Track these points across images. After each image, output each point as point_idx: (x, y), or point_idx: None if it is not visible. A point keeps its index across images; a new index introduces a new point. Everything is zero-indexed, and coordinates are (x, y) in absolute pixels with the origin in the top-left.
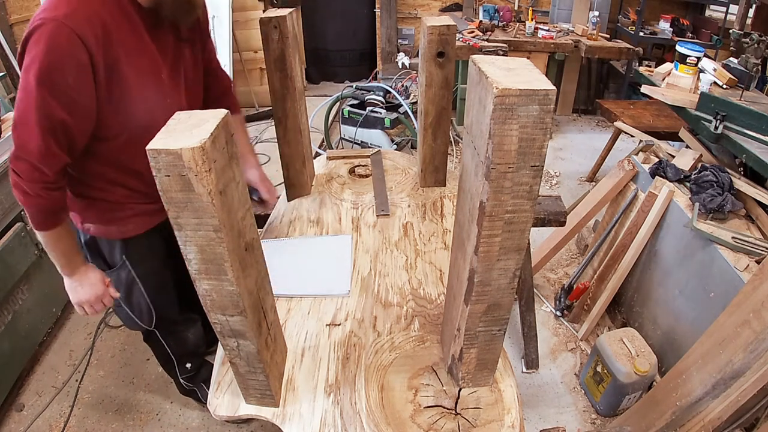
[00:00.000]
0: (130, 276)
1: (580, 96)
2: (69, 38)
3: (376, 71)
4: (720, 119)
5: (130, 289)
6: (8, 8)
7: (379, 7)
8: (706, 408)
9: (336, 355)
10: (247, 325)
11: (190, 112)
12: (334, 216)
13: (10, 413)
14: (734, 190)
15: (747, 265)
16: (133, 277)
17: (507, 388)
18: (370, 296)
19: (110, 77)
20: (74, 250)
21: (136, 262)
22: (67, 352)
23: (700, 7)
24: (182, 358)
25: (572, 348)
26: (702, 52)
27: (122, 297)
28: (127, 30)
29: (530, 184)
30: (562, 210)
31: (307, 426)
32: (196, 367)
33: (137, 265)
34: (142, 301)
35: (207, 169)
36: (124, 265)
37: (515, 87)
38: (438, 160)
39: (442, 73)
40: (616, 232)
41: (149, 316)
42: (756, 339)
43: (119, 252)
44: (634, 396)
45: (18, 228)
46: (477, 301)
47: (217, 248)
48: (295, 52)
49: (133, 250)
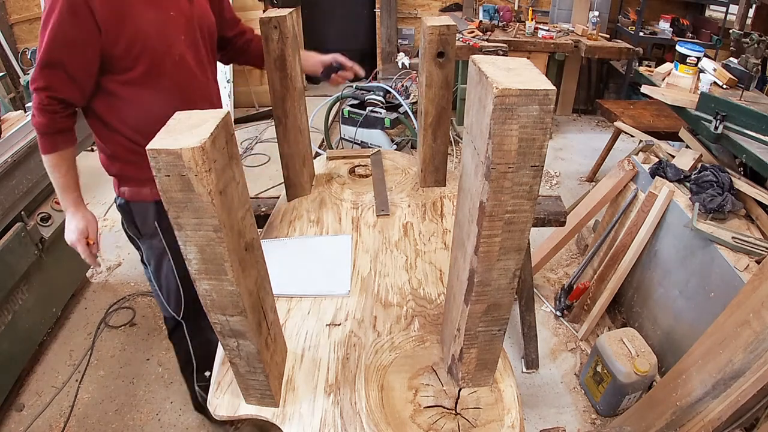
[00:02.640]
0: (161, 245)
1: (580, 96)
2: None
3: (376, 71)
4: (720, 119)
5: (160, 262)
6: (8, 8)
7: (379, 7)
8: (706, 408)
9: (336, 355)
10: (247, 325)
11: (190, 112)
12: (334, 216)
13: (10, 413)
14: (734, 190)
15: (747, 265)
16: (164, 247)
17: (507, 388)
18: (370, 296)
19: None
20: (70, 186)
21: (168, 229)
22: (67, 352)
23: (700, 7)
24: (203, 364)
25: (572, 348)
26: (702, 52)
27: (152, 270)
28: None
29: (530, 184)
30: (562, 210)
31: (307, 426)
32: None
33: (169, 233)
34: (171, 279)
35: (207, 169)
36: (156, 232)
37: (515, 87)
38: (438, 160)
39: (442, 73)
40: (616, 232)
41: (177, 300)
42: (756, 339)
43: (152, 216)
44: (634, 396)
45: (18, 228)
46: (477, 301)
47: (217, 248)
48: (295, 52)
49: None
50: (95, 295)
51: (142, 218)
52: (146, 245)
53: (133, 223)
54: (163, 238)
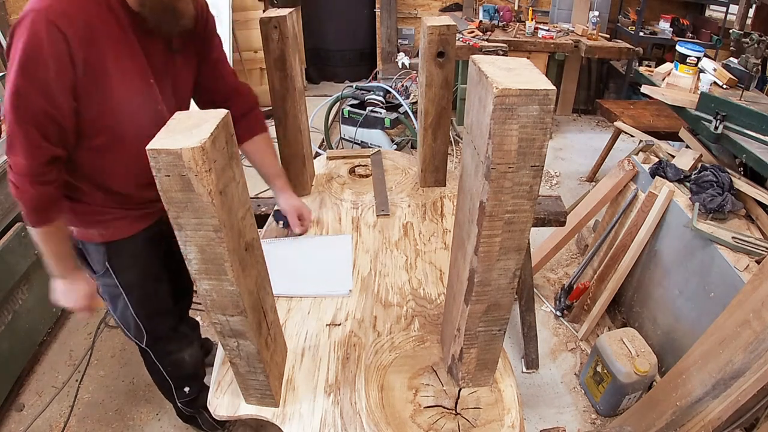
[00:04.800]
0: (114, 284)
1: (580, 96)
2: (48, 29)
3: (376, 71)
4: (720, 119)
5: (116, 300)
6: (8, 8)
7: (379, 7)
8: (706, 408)
9: (336, 355)
10: (247, 325)
11: (190, 112)
12: (334, 216)
13: (10, 413)
14: (734, 190)
15: (747, 265)
16: (117, 286)
17: (507, 388)
18: (370, 296)
19: (92, 75)
20: (66, 253)
21: (119, 269)
22: (67, 352)
23: (700, 7)
24: (180, 382)
25: (572, 348)
26: (702, 52)
27: (111, 307)
28: (115, 31)
29: (530, 184)
30: (562, 210)
31: (307, 426)
32: (195, 391)
33: (121, 274)
34: (127, 314)
35: (207, 169)
36: (107, 272)
37: (515, 87)
38: (438, 160)
39: (442, 73)
40: (616, 232)
41: (138, 331)
42: (756, 339)
43: (102, 257)
44: (634, 396)
45: (18, 228)
46: (477, 301)
47: (217, 248)
48: (295, 52)
49: (116, 257)
50: None
51: (92, 258)
52: (100, 282)
53: (85, 260)
54: (115, 277)
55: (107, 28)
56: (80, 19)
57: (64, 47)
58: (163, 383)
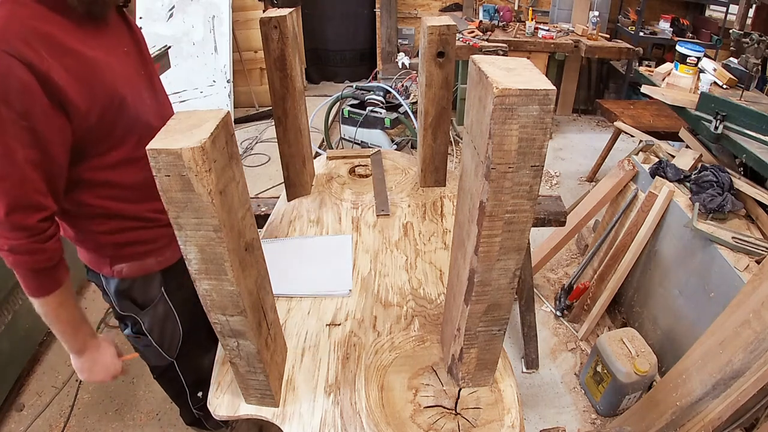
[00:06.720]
0: (167, 308)
1: (580, 96)
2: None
3: (376, 71)
4: (720, 119)
5: (164, 323)
6: None
7: (379, 7)
8: (706, 408)
9: (336, 355)
10: (247, 325)
11: (189, 111)
12: (334, 216)
13: (10, 413)
14: (734, 190)
15: (747, 265)
16: (170, 308)
17: (507, 388)
18: (370, 296)
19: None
20: (81, 319)
21: (173, 291)
22: (67, 352)
23: (700, 7)
24: (195, 388)
25: (572, 348)
26: (702, 52)
27: (155, 334)
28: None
29: (530, 184)
30: (562, 210)
31: (307, 426)
32: (206, 395)
33: (174, 294)
34: (176, 332)
35: (207, 169)
36: (162, 298)
37: (515, 87)
38: (438, 160)
39: (442, 73)
40: (616, 232)
41: (177, 346)
42: (756, 339)
43: (158, 285)
44: (634, 396)
45: None
46: (477, 301)
47: (217, 248)
48: (295, 52)
49: (171, 279)
50: (95, 295)
51: (143, 291)
52: (148, 315)
53: (130, 299)
54: (169, 301)
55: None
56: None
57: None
58: (180, 392)
